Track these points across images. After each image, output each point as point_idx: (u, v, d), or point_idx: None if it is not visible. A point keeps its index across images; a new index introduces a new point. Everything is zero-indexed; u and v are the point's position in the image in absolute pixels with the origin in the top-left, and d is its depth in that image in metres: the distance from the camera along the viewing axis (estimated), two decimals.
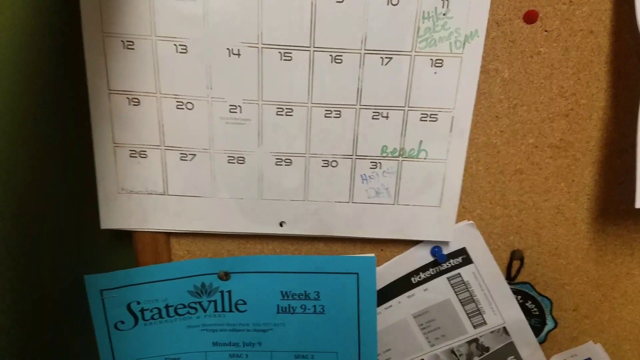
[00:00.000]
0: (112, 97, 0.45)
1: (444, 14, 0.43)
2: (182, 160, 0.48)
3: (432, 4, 0.43)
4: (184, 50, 0.44)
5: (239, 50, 0.44)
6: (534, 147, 0.51)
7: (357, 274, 0.54)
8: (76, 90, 0.46)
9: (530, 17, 0.47)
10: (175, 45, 0.43)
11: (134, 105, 0.45)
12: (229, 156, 0.47)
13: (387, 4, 0.43)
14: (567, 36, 0.47)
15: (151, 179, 0.48)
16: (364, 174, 0.48)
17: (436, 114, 0.46)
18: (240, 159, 0.48)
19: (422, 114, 0.47)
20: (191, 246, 0.54)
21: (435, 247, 0.54)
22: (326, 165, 0.48)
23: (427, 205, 0.50)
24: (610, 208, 0.53)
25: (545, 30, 0.47)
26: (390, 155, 0.47)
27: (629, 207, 0.48)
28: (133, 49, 0.44)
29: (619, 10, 0.46)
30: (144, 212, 0.49)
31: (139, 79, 0.44)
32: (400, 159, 0.48)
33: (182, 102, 0.45)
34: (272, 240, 0.53)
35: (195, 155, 0.47)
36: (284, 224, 0.51)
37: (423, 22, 0.43)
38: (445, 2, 0.43)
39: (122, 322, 0.54)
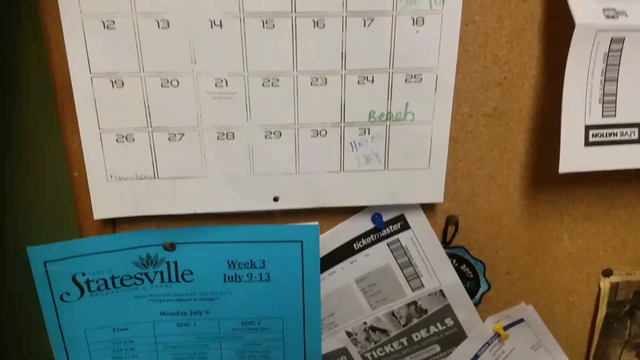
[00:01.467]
0: (94, 80, 0.39)
1: None
2: (170, 141, 0.42)
3: None
4: (166, 26, 0.37)
5: (220, 21, 0.37)
6: (468, 117, 0.46)
7: (302, 242, 0.49)
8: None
9: None
10: (156, 20, 0.37)
11: (117, 88, 0.39)
12: (218, 132, 0.42)
13: None
14: (501, 4, 0.42)
15: (141, 164, 0.42)
16: (354, 142, 0.43)
17: (420, 74, 0.41)
18: (229, 134, 0.42)
19: (406, 75, 0.41)
20: (135, 220, 0.48)
21: (375, 214, 0.49)
22: (315, 135, 0.43)
23: (417, 168, 0.45)
24: (541, 175, 0.49)
25: None
26: (378, 120, 0.42)
27: (558, 174, 0.44)
28: (114, 28, 0.37)
29: None
30: (136, 199, 0.43)
31: (121, 59, 0.38)
32: (388, 123, 0.43)
33: (167, 79, 0.39)
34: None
35: (183, 134, 0.41)
36: (278, 199, 0.45)
37: None
38: None
39: (68, 294, 0.49)
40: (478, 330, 0.56)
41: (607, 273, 0.56)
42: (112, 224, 0.47)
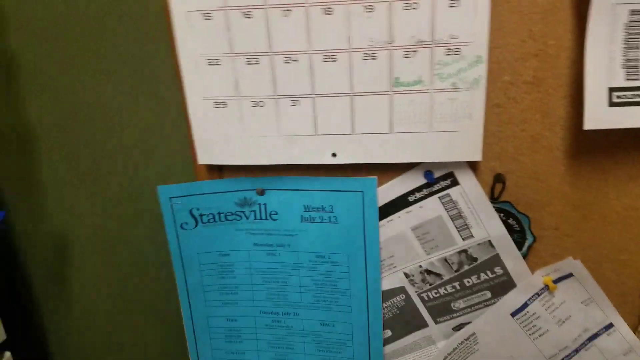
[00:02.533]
0: (198, 59, 0.54)
1: None
2: (254, 107, 0.56)
3: None
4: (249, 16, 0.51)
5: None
6: (509, 84, 0.54)
7: (362, 192, 0.61)
8: None
9: None
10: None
11: (216, 64, 0.54)
12: (291, 100, 0.55)
13: None
14: None
15: (232, 125, 0.57)
16: (402, 106, 0.53)
17: (459, 48, 0.51)
18: (296, 102, 0.55)
19: (446, 49, 0.51)
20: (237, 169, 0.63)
21: (427, 171, 0.59)
22: (370, 101, 0.54)
23: (456, 130, 0.54)
24: (582, 137, 0.55)
25: None
26: (424, 87, 0.52)
27: (600, 137, 0.50)
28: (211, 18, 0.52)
29: None
30: (229, 151, 0.58)
31: (216, 43, 0.53)
32: (432, 89, 0.52)
33: (250, 59, 0.53)
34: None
35: (263, 101, 0.55)
36: (335, 154, 0.58)
37: None
38: None
39: (186, 224, 0.66)
40: (527, 280, 0.63)
41: None
42: (219, 171, 0.63)
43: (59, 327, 0.76)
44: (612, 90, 0.47)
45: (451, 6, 0.49)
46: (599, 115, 0.48)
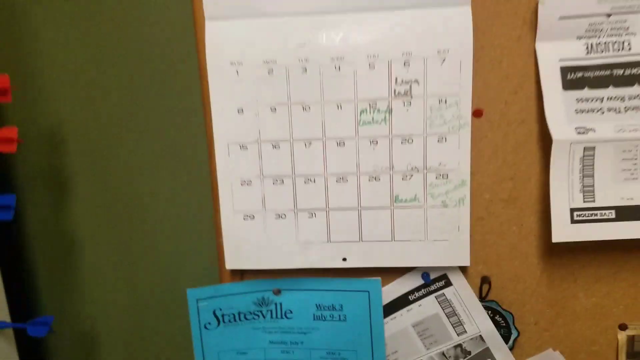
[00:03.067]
0: (233, 181, 0.66)
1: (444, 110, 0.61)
2: (275, 219, 0.67)
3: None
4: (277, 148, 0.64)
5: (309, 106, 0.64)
6: (489, 202, 0.66)
7: (368, 291, 0.71)
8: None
9: (478, 113, 0.64)
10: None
11: (247, 185, 0.66)
12: (309, 213, 0.66)
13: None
14: (505, 125, 0.64)
15: (257, 234, 0.67)
16: (402, 219, 0.65)
17: (447, 174, 0.63)
18: (313, 214, 0.66)
19: (436, 174, 0.64)
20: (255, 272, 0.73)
21: (424, 273, 0.70)
22: (374, 214, 0.66)
23: (447, 239, 0.66)
24: (553, 246, 0.67)
25: (489, 121, 0.64)
26: (419, 203, 0.64)
27: (566, 246, 0.62)
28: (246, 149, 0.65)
29: (540, 105, 0.62)
30: (253, 257, 0.68)
31: (249, 168, 0.65)
32: (426, 206, 0.64)
33: (276, 180, 0.65)
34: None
35: (285, 215, 0.66)
36: (346, 259, 0.69)
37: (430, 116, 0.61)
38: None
39: (209, 324, 0.74)
40: None
41: (623, 327, 0.70)
42: (241, 274, 0.73)
43: None
44: (573, 210, 0.60)
45: (439, 142, 0.63)
46: (563, 230, 0.60)
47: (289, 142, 0.64)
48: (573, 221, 0.60)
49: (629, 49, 0.60)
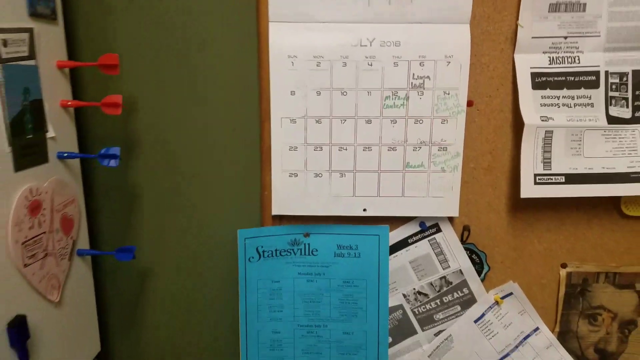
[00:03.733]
0: (283, 146, 0.88)
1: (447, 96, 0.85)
2: (314, 177, 0.89)
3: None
4: (319, 122, 0.86)
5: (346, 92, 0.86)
6: (473, 169, 0.92)
7: (379, 235, 0.95)
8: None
9: (470, 103, 0.88)
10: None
11: (294, 150, 0.88)
12: (340, 174, 0.89)
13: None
14: (489, 112, 0.89)
15: (299, 188, 0.90)
16: (411, 180, 0.89)
17: (446, 147, 0.87)
18: (343, 174, 0.89)
19: (439, 147, 0.87)
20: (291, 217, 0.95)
21: (421, 222, 0.94)
22: (390, 176, 0.89)
23: (445, 196, 0.90)
24: (517, 204, 0.93)
25: (477, 109, 0.88)
26: (424, 169, 0.88)
27: (530, 202, 0.88)
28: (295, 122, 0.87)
29: (514, 99, 0.87)
30: (295, 205, 0.91)
31: (297, 137, 0.87)
32: (429, 170, 0.88)
33: (317, 147, 0.88)
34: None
35: (322, 175, 0.89)
36: (366, 209, 0.92)
37: (437, 104, 0.85)
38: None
39: (252, 257, 0.96)
40: (484, 297, 0.99)
41: (564, 266, 0.98)
42: (280, 219, 0.96)
43: (130, 331, 1.01)
44: (536, 175, 0.86)
45: (442, 123, 0.87)
46: (529, 189, 0.86)
47: (329, 118, 0.87)
48: (536, 183, 0.86)
49: (578, 62, 0.86)
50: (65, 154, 0.81)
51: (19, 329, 0.70)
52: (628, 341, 1.03)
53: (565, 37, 0.84)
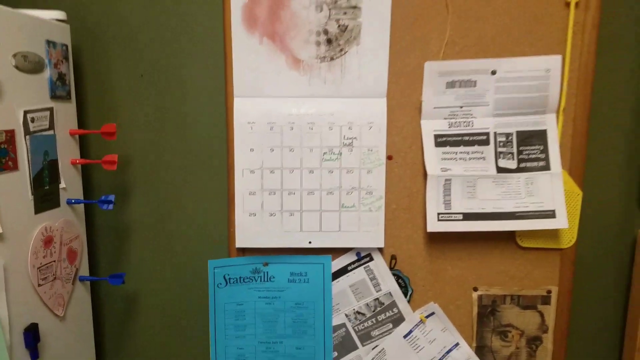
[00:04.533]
0: (245, 194, 1.17)
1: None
2: (270, 217, 1.17)
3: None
4: (273, 172, 1.15)
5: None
6: (394, 210, 1.20)
7: (323, 264, 1.22)
8: None
9: (390, 157, 1.18)
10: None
11: (252, 195, 1.17)
12: (289, 214, 1.17)
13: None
14: (405, 165, 1.18)
15: (257, 226, 1.17)
16: (346, 218, 1.17)
17: (372, 192, 1.16)
18: (293, 213, 1.17)
19: (366, 192, 1.16)
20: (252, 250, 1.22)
21: (357, 252, 1.22)
22: (329, 215, 1.17)
23: (372, 230, 1.18)
24: (431, 236, 1.20)
25: (396, 162, 1.18)
26: (356, 209, 1.16)
27: (439, 236, 1.16)
28: (254, 173, 1.16)
29: (423, 155, 1.17)
30: (254, 239, 1.18)
31: (255, 184, 1.16)
32: (360, 210, 1.17)
33: (271, 192, 1.16)
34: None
35: (275, 214, 1.17)
36: (311, 242, 1.19)
37: (363, 158, 1.15)
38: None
39: (220, 284, 1.22)
40: (410, 316, 1.25)
41: (475, 289, 1.25)
42: (243, 252, 1.23)
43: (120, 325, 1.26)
44: (439, 214, 1.15)
45: (368, 173, 1.16)
46: (433, 225, 1.14)
47: (280, 169, 1.16)
48: (439, 220, 1.15)
49: (472, 125, 1.16)
50: (73, 201, 1.09)
51: (32, 334, 0.95)
52: (536, 355, 1.28)
53: (461, 107, 1.15)
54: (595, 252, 1.23)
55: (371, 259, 1.22)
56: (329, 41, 1.08)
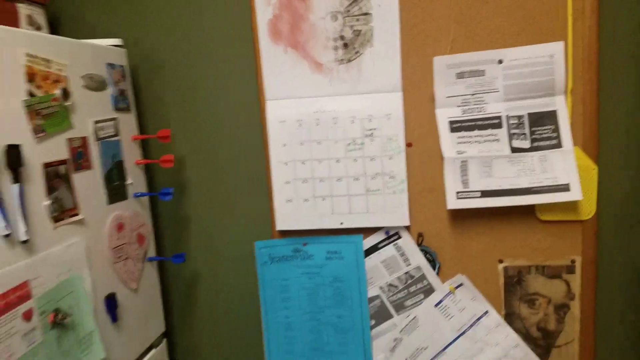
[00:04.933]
0: (282, 188, 1.37)
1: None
2: (304, 202, 1.36)
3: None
4: (304, 164, 1.34)
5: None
6: (420, 192, 1.34)
7: (356, 242, 1.39)
8: None
9: (409, 145, 1.32)
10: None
11: (288, 184, 1.36)
12: (322, 199, 1.35)
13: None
14: (424, 150, 1.32)
15: (295, 210, 1.37)
16: (372, 201, 1.34)
17: (394, 176, 1.32)
18: (324, 199, 1.35)
19: (389, 177, 1.32)
20: (293, 232, 1.42)
21: (386, 230, 1.38)
22: (357, 198, 1.34)
23: (397, 211, 1.34)
24: (455, 214, 1.34)
25: (416, 148, 1.32)
26: (381, 192, 1.33)
27: (466, 212, 1.29)
28: (287, 165, 1.35)
29: (439, 140, 1.30)
30: (293, 222, 1.38)
31: (290, 176, 1.36)
32: (385, 193, 1.33)
33: (305, 181, 1.35)
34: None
35: (309, 200, 1.36)
36: (342, 223, 1.37)
37: (384, 147, 1.31)
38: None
39: (265, 262, 1.43)
40: (440, 288, 1.40)
41: (500, 261, 1.37)
42: (284, 234, 1.42)
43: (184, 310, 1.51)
44: (457, 192, 1.28)
45: (389, 159, 1.31)
46: (453, 203, 1.28)
47: (310, 160, 1.34)
48: (458, 198, 1.28)
49: (485, 110, 1.27)
50: (139, 194, 1.33)
51: (111, 301, 1.20)
52: (564, 322, 1.38)
53: (473, 94, 1.26)
54: (617, 221, 1.30)
55: (399, 237, 1.37)
56: (345, 45, 1.23)
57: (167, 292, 1.49)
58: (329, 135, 1.30)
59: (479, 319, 1.38)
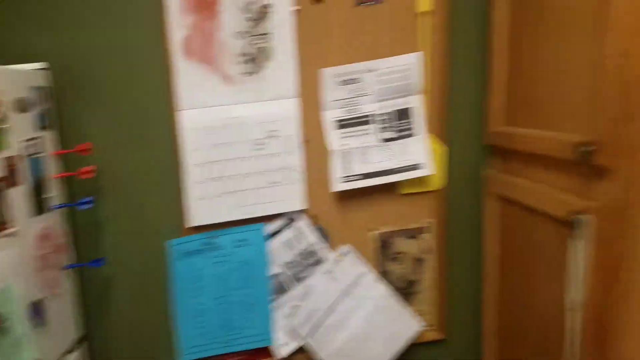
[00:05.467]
0: (196, 186, 1.55)
1: None
2: (217, 197, 1.56)
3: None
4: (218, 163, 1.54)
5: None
6: (313, 180, 1.65)
7: (259, 229, 1.65)
8: None
9: (306, 141, 1.62)
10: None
11: (200, 184, 1.55)
12: (229, 194, 1.57)
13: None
14: (318, 146, 1.63)
15: (205, 206, 1.56)
16: (276, 190, 1.59)
17: (295, 170, 1.59)
18: (231, 195, 1.57)
19: (290, 170, 1.59)
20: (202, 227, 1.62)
21: (288, 217, 1.66)
22: (262, 190, 1.59)
23: (295, 198, 1.61)
24: (340, 196, 1.68)
25: (312, 144, 1.62)
26: (281, 183, 1.59)
27: (347, 193, 1.64)
28: (203, 167, 1.54)
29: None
30: (203, 218, 1.57)
31: (203, 176, 1.55)
32: (285, 184, 1.60)
33: (216, 179, 1.55)
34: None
35: (220, 196, 1.56)
36: (249, 213, 1.60)
37: (286, 143, 1.57)
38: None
39: (178, 257, 1.61)
40: (331, 258, 1.73)
41: (375, 229, 1.75)
42: (195, 229, 1.62)
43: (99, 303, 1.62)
44: (342, 177, 1.62)
45: (290, 155, 1.59)
46: (337, 186, 1.61)
47: (220, 161, 1.55)
48: (342, 182, 1.62)
49: (361, 110, 1.63)
50: (57, 206, 1.41)
51: (37, 307, 1.30)
52: (423, 272, 1.83)
53: (352, 98, 1.61)
54: (461, 190, 1.79)
55: (298, 220, 1.67)
56: (251, 60, 1.47)
57: (88, 296, 1.59)
58: (237, 137, 1.53)
59: (361, 277, 1.76)
